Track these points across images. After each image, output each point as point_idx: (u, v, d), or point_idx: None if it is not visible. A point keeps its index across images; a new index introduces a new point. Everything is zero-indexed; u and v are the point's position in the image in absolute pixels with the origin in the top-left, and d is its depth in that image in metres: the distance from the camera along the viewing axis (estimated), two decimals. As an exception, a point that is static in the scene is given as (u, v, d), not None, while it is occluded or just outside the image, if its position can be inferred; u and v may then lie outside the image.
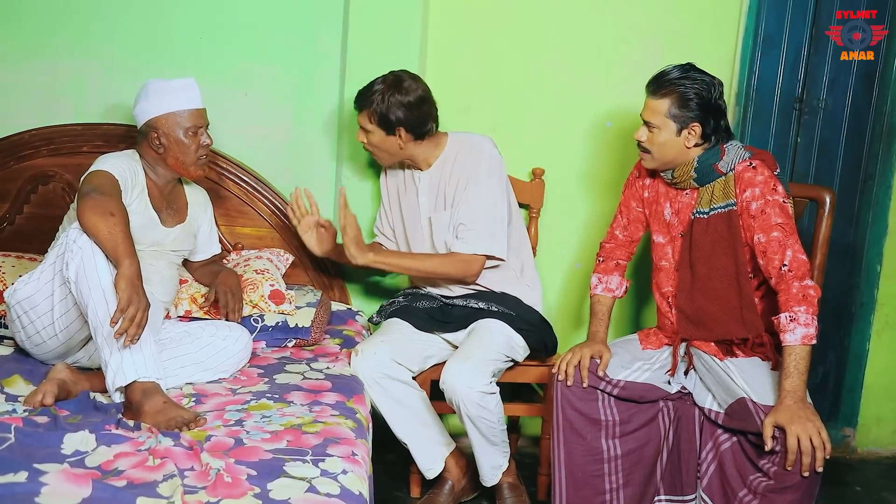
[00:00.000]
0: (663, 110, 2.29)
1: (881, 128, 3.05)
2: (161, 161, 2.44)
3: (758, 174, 2.26)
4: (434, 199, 2.70)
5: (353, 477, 1.84)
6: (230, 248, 2.93)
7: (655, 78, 2.34)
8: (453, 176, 2.67)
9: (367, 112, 2.60)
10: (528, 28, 2.98)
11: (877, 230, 3.11)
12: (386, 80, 2.60)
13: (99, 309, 2.07)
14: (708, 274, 2.33)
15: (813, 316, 2.15)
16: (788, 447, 2.07)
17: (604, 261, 2.60)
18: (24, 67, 2.90)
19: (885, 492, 3.00)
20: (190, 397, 2.23)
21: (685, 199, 2.39)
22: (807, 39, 3.01)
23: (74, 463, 1.79)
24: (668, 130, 2.30)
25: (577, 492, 2.39)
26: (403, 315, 2.68)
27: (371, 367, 2.48)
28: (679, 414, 2.42)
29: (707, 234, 2.32)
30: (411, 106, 2.57)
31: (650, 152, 2.35)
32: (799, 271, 2.18)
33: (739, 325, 2.31)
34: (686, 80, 2.28)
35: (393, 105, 2.56)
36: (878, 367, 3.19)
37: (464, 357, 2.49)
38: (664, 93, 2.29)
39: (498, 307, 2.66)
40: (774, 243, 2.22)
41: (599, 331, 2.51)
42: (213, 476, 1.77)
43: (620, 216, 2.58)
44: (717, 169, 2.30)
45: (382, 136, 2.61)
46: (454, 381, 2.43)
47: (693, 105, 2.27)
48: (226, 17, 2.90)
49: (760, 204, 2.24)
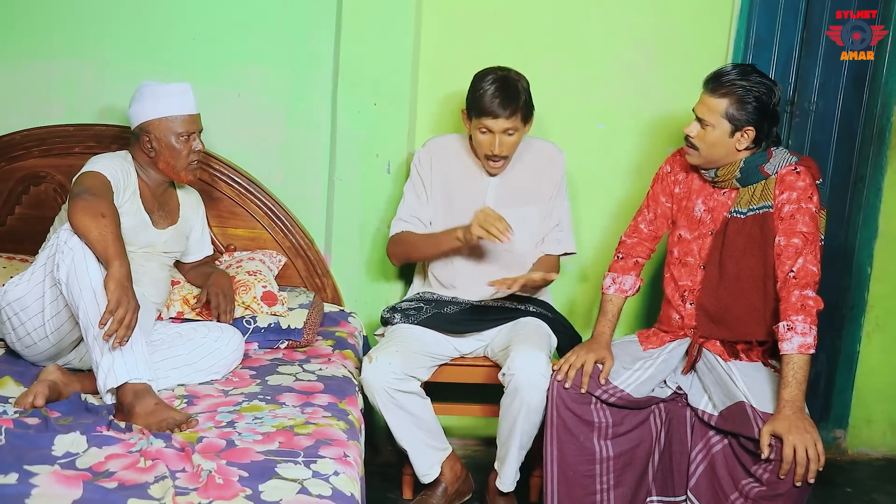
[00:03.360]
0: (720, 109, 2.27)
1: (871, 131, 3.06)
2: (152, 164, 2.44)
3: (799, 180, 2.27)
4: (503, 194, 2.70)
5: (344, 478, 1.84)
6: (222, 249, 2.93)
7: (715, 75, 2.31)
8: (532, 177, 2.71)
9: (521, 112, 2.59)
10: (521, 30, 2.99)
11: (867, 232, 3.12)
12: (506, 71, 2.62)
13: (90, 310, 2.06)
14: (737, 274, 2.33)
15: (811, 326, 2.16)
16: (784, 457, 2.08)
17: (623, 258, 2.58)
18: (16, 68, 2.89)
19: (875, 493, 3.01)
20: (182, 399, 2.22)
21: (721, 198, 2.39)
22: (798, 42, 3.02)
23: (65, 464, 1.78)
24: (722, 130, 2.29)
25: (569, 490, 2.39)
26: (436, 324, 2.65)
27: (384, 377, 2.45)
28: (671, 416, 2.43)
29: (741, 234, 2.32)
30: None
31: (698, 149, 2.34)
32: (804, 280, 2.19)
33: (761, 327, 2.32)
34: (747, 81, 2.25)
35: (530, 93, 2.62)
36: (868, 368, 3.20)
37: (535, 346, 2.45)
38: (724, 92, 2.26)
39: (536, 308, 2.68)
40: (791, 249, 2.22)
41: (605, 332, 2.50)
42: (204, 477, 1.77)
43: (647, 210, 2.56)
44: (762, 170, 2.30)
45: (523, 129, 2.64)
46: (529, 368, 2.38)
47: (751, 108, 2.25)
48: (218, 18, 2.90)
49: (792, 209, 2.25)
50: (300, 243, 2.96)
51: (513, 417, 2.45)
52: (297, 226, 2.96)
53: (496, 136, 2.58)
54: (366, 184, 2.98)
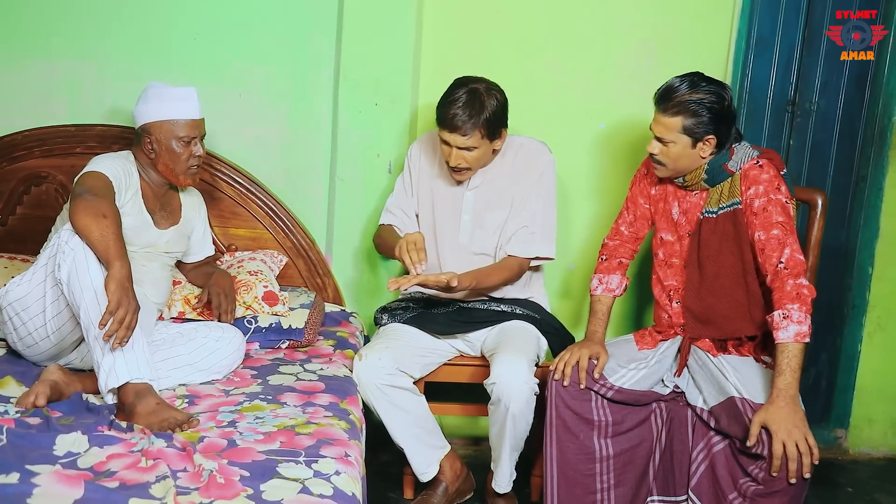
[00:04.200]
0: (676, 127, 2.27)
1: (873, 130, 3.06)
2: (152, 165, 2.44)
3: (763, 172, 2.27)
4: (482, 196, 2.67)
5: (346, 478, 1.84)
6: (224, 249, 2.93)
7: (664, 94, 2.29)
8: (511, 178, 2.66)
9: (481, 130, 2.51)
10: (522, 29, 2.98)
11: (868, 232, 3.12)
12: (480, 83, 2.55)
13: (91, 310, 2.07)
14: (716, 272, 2.33)
15: (807, 314, 2.16)
16: (773, 453, 2.07)
17: (606, 259, 2.59)
18: (18, 68, 2.89)
19: (876, 493, 3.01)
20: (183, 398, 2.22)
21: (693, 199, 2.39)
22: (799, 41, 3.02)
23: (67, 464, 1.78)
24: (682, 144, 2.29)
25: (569, 490, 2.39)
26: (421, 323, 2.65)
27: (375, 373, 2.46)
28: (672, 415, 2.43)
29: (715, 233, 2.33)
30: (505, 107, 2.58)
31: (664, 164, 2.35)
32: (795, 269, 2.19)
33: (748, 323, 2.32)
34: (696, 93, 2.25)
35: (500, 109, 2.55)
36: (869, 368, 3.20)
37: (518, 353, 2.44)
38: (676, 111, 2.26)
39: (522, 310, 2.66)
40: (773, 241, 2.23)
41: (598, 331, 2.51)
42: (205, 477, 1.77)
43: (627, 212, 2.57)
44: (726, 168, 2.31)
45: (488, 145, 2.57)
46: (511, 377, 2.38)
47: (706, 119, 2.25)
48: (220, 18, 2.90)
49: (763, 202, 2.25)
50: (301, 243, 2.96)
51: (500, 424, 2.46)
52: (299, 226, 2.96)
53: (453, 150, 2.55)
54: (367, 184, 2.98)
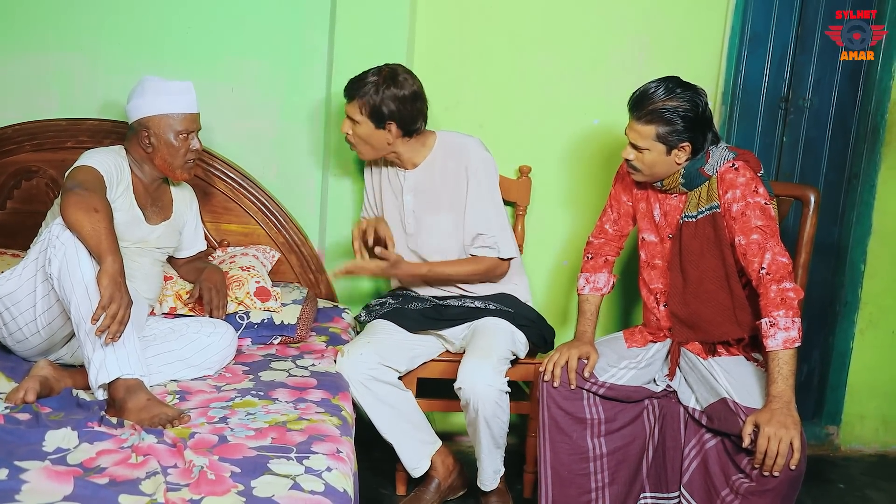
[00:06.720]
0: (651, 134, 2.25)
1: (866, 127, 3.06)
2: (148, 160, 2.43)
3: (739, 176, 2.26)
4: (422, 199, 2.67)
5: (337, 474, 1.83)
6: (216, 244, 2.92)
7: (638, 101, 2.27)
8: (444, 177, 2.64)
9: (359, 102, 2.53)
10: (516, 25, 2.98)
11: (861, 229, 3.12)
12: (381, 71, 2.55)
13: (82, 305, 2.05)
14: (699, 277, 2.33)
15: (794, 319, 2.13)
16: (758, 446, 2.08)
17: (592, 258, 2.59)
18: (9, 61, 2.87)
19: (868, 489, 3.02)
20: (174, 394, 2.21)
21: (673, 202, 2.39)
22: (793, 39, 3.02)
23: (56, 460, 1.77)
24: (657, 151, 2.27)
25: (563, 490, 2.39)
26: (395, 318, 2.65)
27: (356, 368, 2.46)
28: (664, 412, 2.43)
29: (696, 237, 2.32)
30: (405, 100, 2.53)
31: (640, 170, 2.34)
32: (777, 274, 2.17)
33: (734, 326, 2.31)
34: (670, 101, 2.22)
35: (387, 97, 2.51)
36: (861, 365, 3.21)
37: (482, 355, 2.44)
38: (649, 119, 2.24)
39: (496, 305, 2.65)
40: (754, 246, 2.21)
41: (587, 330, 2.51)
42: (196, 473, 1.76)
43: (610, 210, 2.57)
44: (703, 172, 2.29)
45: (371, 129, 2.56)
46: (476, 380, 2.39)
47: (681, 127, 2.23)
48: (213, 12, 2.89)
49: (741, 206, 2.23)
50: (294, 239, 2.96)
51: (473, 426, 2.47)
52: (291, 221, 2.95)
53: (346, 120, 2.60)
54: (360, 179, 2.97)
